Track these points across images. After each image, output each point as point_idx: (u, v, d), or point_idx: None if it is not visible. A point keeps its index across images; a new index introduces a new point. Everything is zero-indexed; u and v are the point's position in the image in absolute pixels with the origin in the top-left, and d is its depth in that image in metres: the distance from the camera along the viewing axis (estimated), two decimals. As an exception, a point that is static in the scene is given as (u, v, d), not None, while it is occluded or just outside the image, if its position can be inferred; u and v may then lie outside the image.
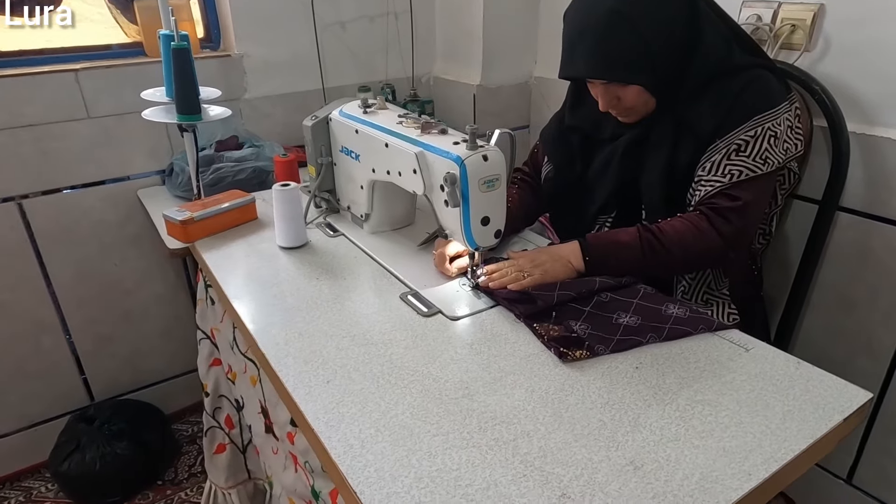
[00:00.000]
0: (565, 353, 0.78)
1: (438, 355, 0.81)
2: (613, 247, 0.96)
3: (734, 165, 0.94)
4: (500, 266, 0.96)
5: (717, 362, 0.78)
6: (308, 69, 1.77)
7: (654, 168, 1.02)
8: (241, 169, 1.47)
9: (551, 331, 0.82)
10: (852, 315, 1.32)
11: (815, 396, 0.71)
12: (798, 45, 1.27)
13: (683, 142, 1.00)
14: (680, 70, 0.96)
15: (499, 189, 0.89)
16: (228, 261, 1.10)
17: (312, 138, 1.20)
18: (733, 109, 0.95)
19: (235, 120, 1.66)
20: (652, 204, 1.04)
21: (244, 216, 1.25)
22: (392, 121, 1.04)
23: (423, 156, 0.93)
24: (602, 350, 0.79)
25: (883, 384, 1.30)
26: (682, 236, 0.94)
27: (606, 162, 1.09)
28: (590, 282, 0.93)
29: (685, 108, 0.99)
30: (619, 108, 1.01)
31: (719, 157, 0.95)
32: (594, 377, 0.75)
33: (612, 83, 0.97)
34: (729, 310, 1.08)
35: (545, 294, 0.89)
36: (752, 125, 0.94)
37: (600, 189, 1.10)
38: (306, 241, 1.15)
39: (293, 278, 1.03)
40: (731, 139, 0.95)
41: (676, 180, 1.01)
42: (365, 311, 0.92)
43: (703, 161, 0.98)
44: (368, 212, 1.17)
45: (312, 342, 0.84)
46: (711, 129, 0.96)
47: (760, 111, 0.94)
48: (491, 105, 1.89)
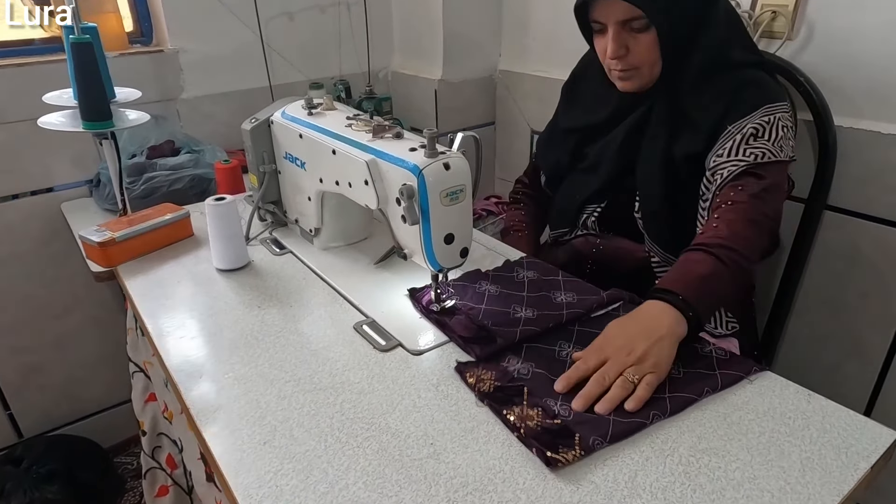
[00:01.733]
0: (553, 458, 0.59)
1: (399, 401, 0.69)
2: (701, 280, 0.77)
3: (754, 148, 0.88)
4: (598, 378, 0.68)
5: (720, 398, 0.68)
6: (252, 65, 1.62)
7: (651, 157, 0.96)
8: (177, 178, 1.32)
9: (527, 419, 0.64)
10: (841, 318, 1.25)
11: (833, 437, 0.62)
12: (780, 34, 1.18)
13: (682, 133, 0.94)
14: (688, 44, 0.91)
15: (464, 201, 0.77)
16: (157, 288, 0.95)
17: (252, 144, 1.06)
18: (739, 100, 0.90)
19: (172, 122, 1.50)
20: (648, 195, 0.97)
21: (177, 233, 1.10)
22: (340, 123, 0.91)
23: (375, 164, 0.81)
24: (599, 444, 0.61)
25: (874, 390, 1.24)
26: (742, 233, 0.82)
27: (604, 148, 1.02)
28: (556, 313, 0.82)
29: (684, 99, 0.93)
30: (625, 62, 0.93)
31: (736, 141, 0.89)
32: (581, 423, 0.64)
33: (626, 27, 0.90)
34: (727, 318, 0.99)
35: (506, 331, 0.78)
36: (764, 113, 0.89)
37: (595, 177, 1.03)
38: (248, 262, 1.01)
39: (231, 307, 0.89)
40: (745, 124, 0.89)
41: (674, 172, 0.95)
42: (313, 345, 0.80)
43: (717, 149, 0.90)
44: (318, 226, 1.03)
45: (250, 390, 0.71)
46: (715, 120, 0.91)
47: (769, 101, 0.90)
48: (454, 101, 1.77)
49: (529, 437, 0.62)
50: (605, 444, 0.61)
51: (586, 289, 0.89)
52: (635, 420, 0.64)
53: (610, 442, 0.61)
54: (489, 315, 0.83)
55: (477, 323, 0.81)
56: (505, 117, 1.87)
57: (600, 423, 0.64)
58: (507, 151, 1.90)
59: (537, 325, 0.79)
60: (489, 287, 0.90)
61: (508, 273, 0.94)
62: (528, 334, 0.78)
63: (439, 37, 1.68)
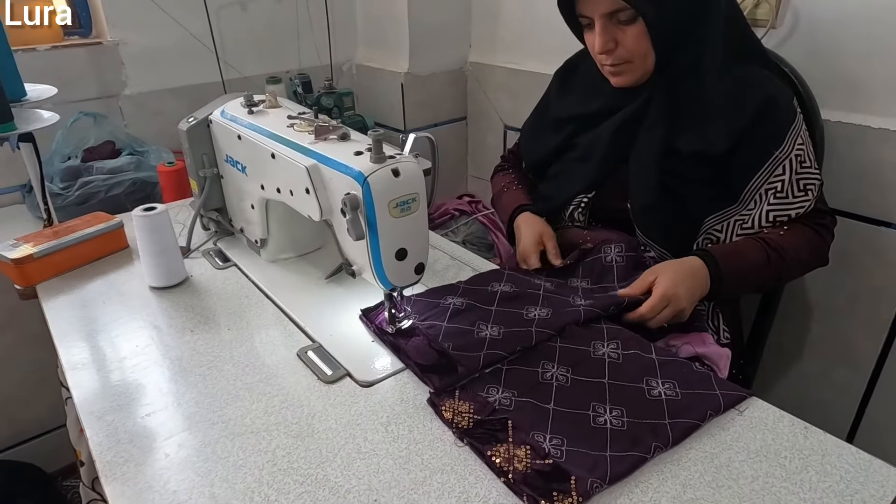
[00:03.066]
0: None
1: (341, 446, 0.60)
2: (744, 265, 0.85)
3: (808, 179, 0.88)
4: (654, 304, 0.80)
5: (707, 434, 0.60)
6: (202, 58, 1.50)
7: (647, 148, 0.90)
8: (116, 182, 1.21)
9: (514, 460, 0.56)
10: (829, 322, 1.18)
11: (835, 482, 0.54)
12: (764, 22, 1.10)
13: (689, 128, 0.88)
14: (686, 33, 0.86)
15: (417, 212, 0.68)
16: (79, 309, 0.85)
17: (190, 146, 0.95)
18: (771, 116, 0.86)
19: (114, 121, 1.39)
20: (641, 187, 0.91)
21: (109, 246, 0.99)
22: (281, 123, 0.81)
23: (317, 170, 0.71)
24: (598, 487, 0.53)
25: (863, 398, 1.18)
26: (803, 253, 0.88)
27: (596, 138, 0.97)
28: (524, 331, 0.74)
29: (691, 92, 0.88)
30: (615, 55, 0.88)
31: (787, 172, 0.87)
32: (549, 469, 0.56)
33: (612, 20, 0.85)
34: (724, 326, 0.91)
35: (468, 356, 0.69)
36: (796, 131, 0.87)
37: (586, 167, 0.97)
38: (185, 277, 0.91)
39: (161, 333, 0.79)
40: (789, 150, 0.86)
41: (674, 165, 0.89)
42: (249, 378, 0.70)
43: (766, 177, 0.87)
44: (264, 236, 0.94)
45: (169, 435, 0.62)
46: (743, 127, 0.85)
47: (795, 117, 0.88)
48: (422, 95, 1.67)
49: (519, 482, 0.54)
50: (605, 486, 0.53)
51: (564, 304, 0.80)
52: (635, 454, 0.56)
53: (610, 483, 0.54)
54: (450, 335, 0.74)
55: (436, 347, 0.72)
56: (476, 112, 1.77)
57: (597, 462, 0.56)
58: (480, 147, 1.81)
59: (503, 348, 0.70)
60: (455, 300, 0.81)
61: (481, 286, 0.86)
62: (494, 359, 0.69)
63: (405, 27, 1.58)
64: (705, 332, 0.85)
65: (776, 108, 0.86)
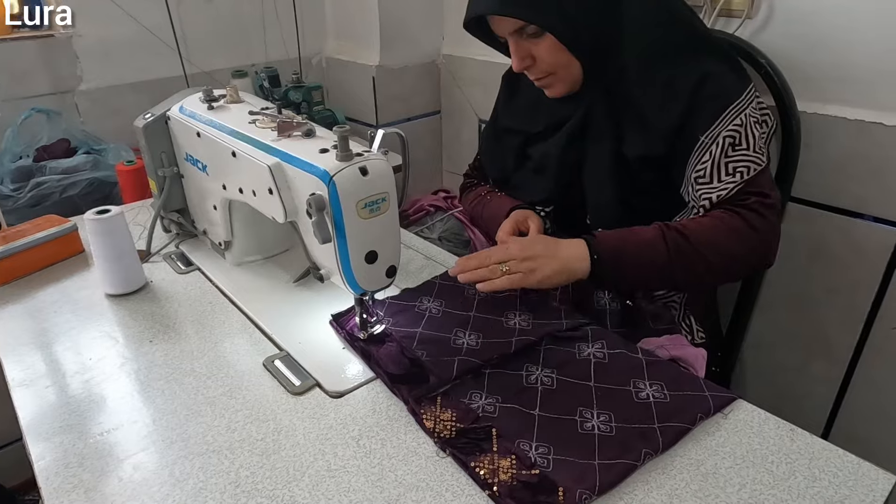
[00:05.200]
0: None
1: (310, 463, 0.56)
2: (631, 243, 0.76)
3: (738, 161, 0.78)
4: (483, 255, 0.75)
5: (692, 439, 0.58)
6: (163, 51, 1.44)
7: (598, 162, 0.86)
8: (71, 182, 1.15)
9: (499, 471, 0.54)
10: (807, 314, 1.18)
11: (824, 487, 0.52)
12: (738, 12, 1.09)
13: (631, 132, 0.83)
14: (606, 36, 0.80)
15: (387, 212, 0.65)
16: (27, 320, 0.80)
17: (148, 143, 0.90)
18: (700, 102, 0.78)
19: (70, 118, 1.32)
20: (599, 202, 0.87)
21: (63, 251, 0.94)
22: (243, 119, 0.77)
23: (280, 169, 0.67)
24: (587, 498, 0.51)
25: (840, 389, 1.18)
26: (712, 235, 0.76)
27: (546, 154, 0.91)
28: (503, 341, 0.71)
29: (629, 93, 0.82)
30: (535, 70, 0.84)
31: (714, 155, 0.79)
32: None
33: (523, 36, 0.80)
34: (698, 326, 0.89)
35: (442, 361, 0.66)
36: (734, 113, 0.78)
37: (542, 180, 0.92)
38: (145, 283, 0.86)
39: (117, 344, 0.74)
40: (718, 132, 0.78)
41: (626, 174, 0.84)
42: (211, 391, 0.66)
43: (694, 163, 0.80)
44: (228, 238, 0.89)
45: (124, 456, 0.57)
46: (674, 122, 0.79)
47: (734, 97, 0.79)
48: (394, 88, 1.63)
49: (505, 495, 0.51)
50: (594, 497, 0.51)
51: (546, 309, 0.77)
52: (625, 462, 0.54)
53: (599, 493, 0.51)
54: (425, 341, 0.70)
55: (409, 355, 0.68)
56: (451, 105, 1.74)
57: (585, 471, 0.53)
58: (455, 141, 1.78)
59: (479, 357, 0.67)
60: (431, 305, 0.78)
61: (459, 286, 0.81)
62: (467, 367, 0.66)
63: (375, 18, 1.54)
64: (678, 333, 0.83)
65: (705, 93, 0.79)
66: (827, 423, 1.21)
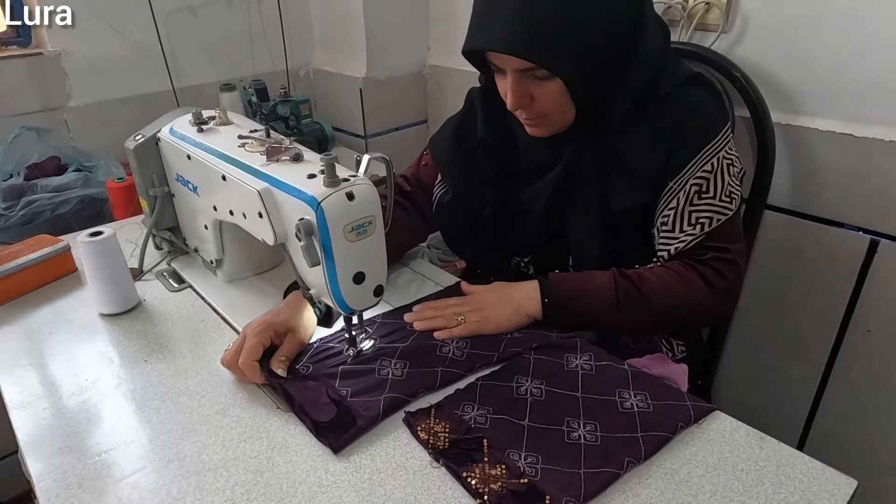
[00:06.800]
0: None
1: (302, 479, 0.59)
2: (583, 289, 0.77)
3: (701, 212, 0.77)
4: (440, 306, 0.80)
5: (668, 449, 0.60)
6: (151, 66, 1.45)
7: (585, 213, 0.83)
8: (62, 200, 1.16)
9: (490, 481, 0.56)
10: (784, 319, 1.22)
11: (790, 493, 0.55)
12: (714, 26, 1.12)
13: (618, 183, 0.81)
14: (611, 83, 0.77)
15: (373, 234, 0.67)
16: (23, 340, 0.81)
17: (138, 164, 0.92)
18: (677, 144, 0.77)
19: (59, 135, 1.33)
20: (584, 256, 0.84)
21: (55, 271, 0.95)
22: (232, 143, 0.79)
23: (269, 194, 0.69)
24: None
25: (818, 391, 1.21)
26: (666, 287, 0.75)
27: (531, 201, 0.87)
28: (487, 353, 0.73)
29: (617, 140, 0.80)
30: (530, 110, 0.79)
31: (680, 203, 0.78)
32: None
33: (528, 75, 0.75)
34: (677, 340, 0.92)
35: (369, 402, 0.65)
36: (706, 158, 0.77)
37: (520, 231, 0.89)
38: (137, 302, 0.88)
39: (112, 363, 0.76)
40: (686, 179, 0.77)
41: (613, 226, 0.82)
42: (206, 409, 0.68)
43: (661, 209, 0.80)
44: (220, 256, 0.91)
45: (121, 476, 0.59)
46: (656, 171, 0.78)
47: (709, 139, 0.77)
48: (381, 99, 1.66)
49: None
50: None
51: (482, 339, 0.77)
52: (608, 470, 0.57)
53: (584, 501, 0.54)
54: (348, 376, 0.70)
55: (333, 395, 0.67)
56: (437, 115, 1.76)
57: (572, 480, 0.56)
58: (442, 151, 1.80)
59: (403, 391, 0.67)
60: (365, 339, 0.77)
61: (399, 321, 0.81)
62: (394, 403, 0.66)
63: (361, 30, 1.56)
64: (658, 351, 0.85)
65: (688, 125, 0.77)
66: (806, 424, 1.25)
